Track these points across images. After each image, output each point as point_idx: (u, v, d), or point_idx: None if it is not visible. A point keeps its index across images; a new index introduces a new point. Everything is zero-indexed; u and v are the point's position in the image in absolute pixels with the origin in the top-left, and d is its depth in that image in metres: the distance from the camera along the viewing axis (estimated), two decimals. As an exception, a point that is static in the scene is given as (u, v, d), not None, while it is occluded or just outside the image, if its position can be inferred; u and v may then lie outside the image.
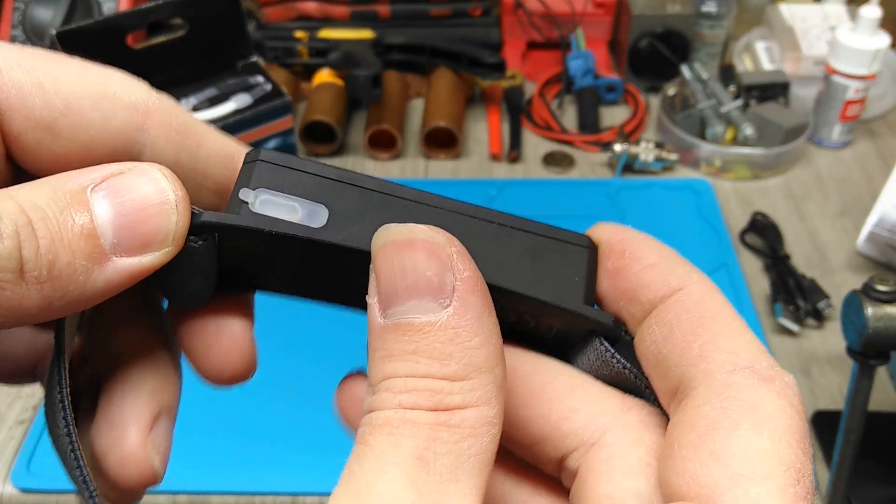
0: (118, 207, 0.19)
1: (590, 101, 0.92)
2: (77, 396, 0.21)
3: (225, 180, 0.23)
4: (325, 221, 0.20)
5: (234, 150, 0.23)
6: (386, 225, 0.19)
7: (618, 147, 0.83)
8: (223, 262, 0.21)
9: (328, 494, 0.21)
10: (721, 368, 0.19)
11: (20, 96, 0.20)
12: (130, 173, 0.19)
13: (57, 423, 0.20)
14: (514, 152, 0.86)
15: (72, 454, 0.20)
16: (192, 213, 0.20)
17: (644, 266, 0.21)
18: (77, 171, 0.19)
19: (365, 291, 0.19)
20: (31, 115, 0.20)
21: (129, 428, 0.21)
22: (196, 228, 0.20)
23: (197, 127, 0.22)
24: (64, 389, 0.20)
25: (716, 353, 0.19)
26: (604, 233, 0.23)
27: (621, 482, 0.20)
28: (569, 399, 0.21)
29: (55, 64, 0.20)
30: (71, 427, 0.20)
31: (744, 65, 0.98)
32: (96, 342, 0.23)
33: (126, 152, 0.21)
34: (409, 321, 0.18)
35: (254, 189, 0.20)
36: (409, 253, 0.19)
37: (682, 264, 0.21)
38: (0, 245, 0.17)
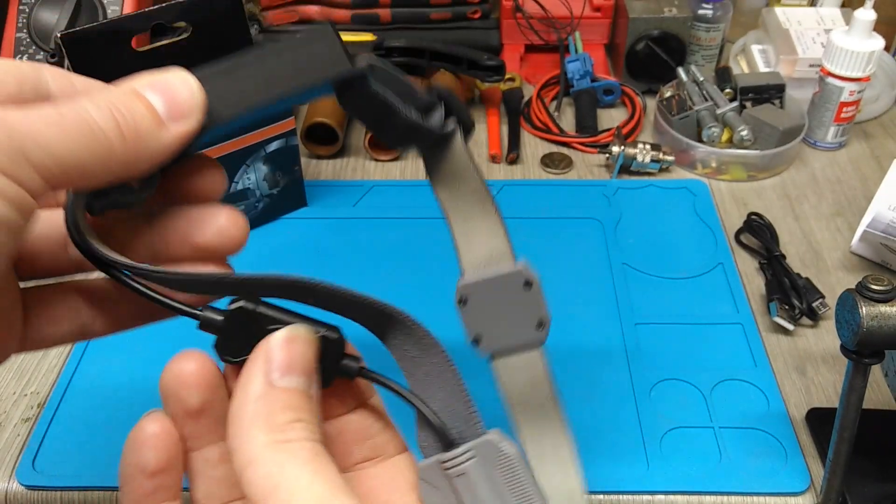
0: (163, 95, 0.27)
1: (587, 104, 0.93)
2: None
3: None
4: None
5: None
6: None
7: (615, 149, 0.84)
8: None
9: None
10: None
11: None
12: (163, 76, 0.28)
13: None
14: (513, 154, 0.87)
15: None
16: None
17: None
18: (122, 80, 0.28)
19: None
20: None
21: (215, 206, 0.31)
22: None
23: None
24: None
25: None
26: None
27: None
28: None
29: None
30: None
31: (740, 67, 0.99)
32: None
33: None
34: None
35: None
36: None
37: None
38: (99, 114, 0.26)
